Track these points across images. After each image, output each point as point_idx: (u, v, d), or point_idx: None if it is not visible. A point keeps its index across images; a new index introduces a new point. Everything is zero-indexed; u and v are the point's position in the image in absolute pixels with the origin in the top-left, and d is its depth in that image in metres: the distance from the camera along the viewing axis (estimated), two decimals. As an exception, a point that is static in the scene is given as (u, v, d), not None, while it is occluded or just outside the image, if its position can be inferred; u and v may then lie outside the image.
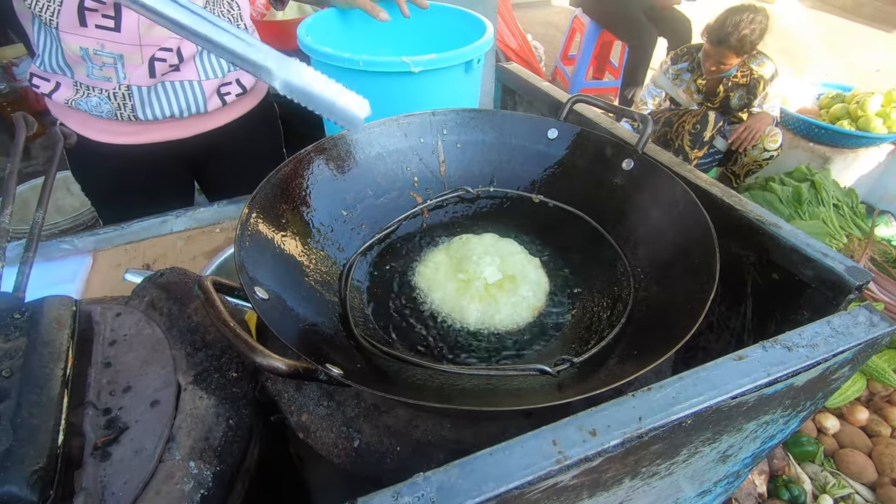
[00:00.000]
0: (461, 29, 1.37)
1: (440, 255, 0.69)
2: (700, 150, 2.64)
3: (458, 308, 0.60)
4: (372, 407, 0.51)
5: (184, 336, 0.59)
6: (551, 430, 0.38)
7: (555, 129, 0.75)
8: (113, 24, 0.98)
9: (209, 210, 1.39)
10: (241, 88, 1.24)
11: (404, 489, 0.34)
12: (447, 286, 0.63)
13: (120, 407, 0.51)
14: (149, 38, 1.02)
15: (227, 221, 1.37)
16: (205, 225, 1.36)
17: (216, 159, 1.36)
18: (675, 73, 2.74)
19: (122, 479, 0.46)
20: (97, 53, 1.01)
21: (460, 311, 0.60)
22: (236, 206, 1.43)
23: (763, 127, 2.56)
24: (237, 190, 1.39)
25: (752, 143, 2.59)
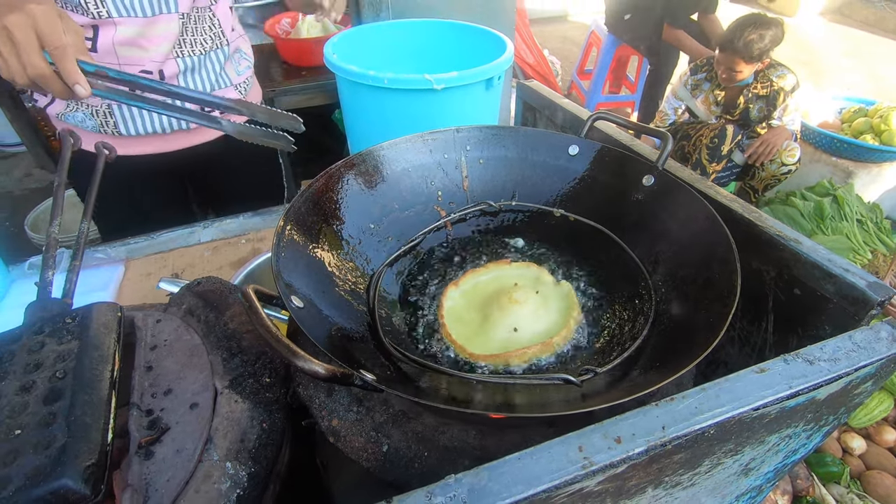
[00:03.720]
0: (481, 46, 1.41)
1: (467, 290, 0.68)
2: (718, 164, 2.63)
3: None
4: (400, 413, 0.53)
5: (220, 342, 0.61)
6: (577, 436, 0.39)
7: (576, 145, 0.77)
8: (91, 45, 1.02)
9: (235, 221, 1.44)
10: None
11: (437, 490, 0.36)
12: (478, 338, 0.62)
13: (161, 408, 0.54)
14: (127, 58, 1.05)
15: (252, 233, 1.42)
16: (231, 236, 1.40)
17: (208, 172, 1.37)
18: (694, 84, 2.75)
19: (165, 477, 0.48)
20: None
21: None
22: (261, 218, 1.47)
23: (780, 141, 2.55)
24: (233, 202, 1.40)
25: (769, 157, 2.58)
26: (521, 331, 0.61)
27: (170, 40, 1.07)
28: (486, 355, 0.58)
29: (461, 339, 0.60)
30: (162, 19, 1.04)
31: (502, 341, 0.60)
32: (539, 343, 0.58)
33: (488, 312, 0.64)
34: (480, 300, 0.66)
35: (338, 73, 1.23)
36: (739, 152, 2.73)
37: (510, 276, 0.69)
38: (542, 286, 0.67)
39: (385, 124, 1.24)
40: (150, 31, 1.04)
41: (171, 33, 1.07)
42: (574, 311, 0.63)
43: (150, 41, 1.05)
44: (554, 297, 0.66)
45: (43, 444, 0.44)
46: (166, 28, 1.06)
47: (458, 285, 0.68)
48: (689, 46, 3.34)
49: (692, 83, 2.75)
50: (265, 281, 1.10)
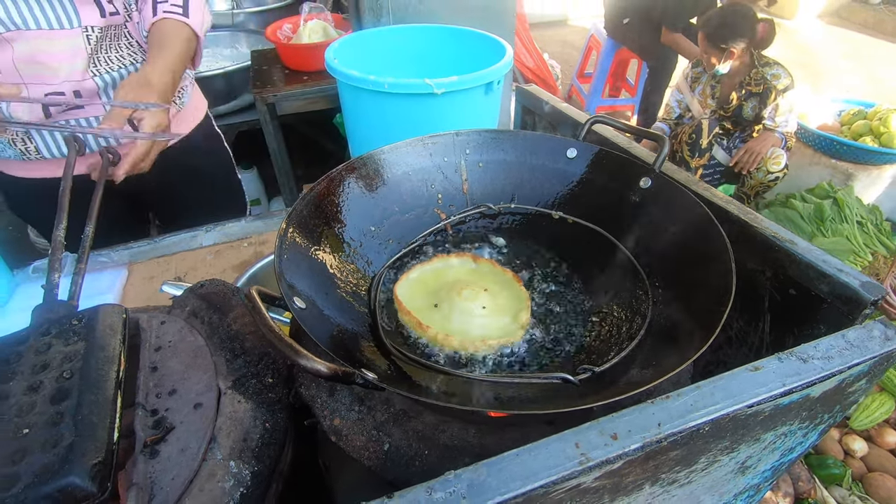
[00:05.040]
0: (481, 51, 1.42)
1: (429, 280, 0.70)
2: (700, 159, 2.67)
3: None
4: (400, 412, 0.54)
5: (223, 343, 0.62)
6: (574, 433, 0.40)
7: (574, 148, 0.78)
8: None
9: (237, 225, 1.45)
10: None
11: (437, 485, 0.37)
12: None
13: (166, 408, 0.55)
14: (32, 76, 1.00)
15: (254, 236, 1.43)
16: (233, 239, 1.42)
17: (157, 189, 1.33)
18: (693, 77, 2.78)
19: (170, 476, 0.49)
20: None
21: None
22: (263, 222, 1.49)
23: (765, 149, 2.57)
24: (191, 217, 1.38)
25: (754, 165, 2.61)
26: (461, 323, 0.63)
27: (79, 57, 1.02)
28: (436, 333, 0.60)
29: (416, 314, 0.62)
30: (61, 34, 0.99)
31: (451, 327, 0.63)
32: (476, 340, 0.60)
33: (439, 303, 0.66)
34: (430, 291, 0.68)
35: (339, 77, 1.24)
36: (721, 150, 2.76)
37: (460, 270, 0.71)
38: (490, 282, 0.69)
39: (386, 128, 1.25)
40: (51, 46, 0.99)
41: (78, 49, 1.02)
42: (522, 314, 0.64)
43: (53, 57, 1.00)
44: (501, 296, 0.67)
45: (51, 443, 0.45)
46: (70, 44, 1.01)
47: (413, 273, 0.70)
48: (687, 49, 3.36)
49: (692, 76, 2.79)
50: (268, 283, 1.11)
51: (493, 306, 0.65)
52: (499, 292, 0.67)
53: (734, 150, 2.75)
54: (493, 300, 0.66)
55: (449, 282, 0.67)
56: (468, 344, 0.60)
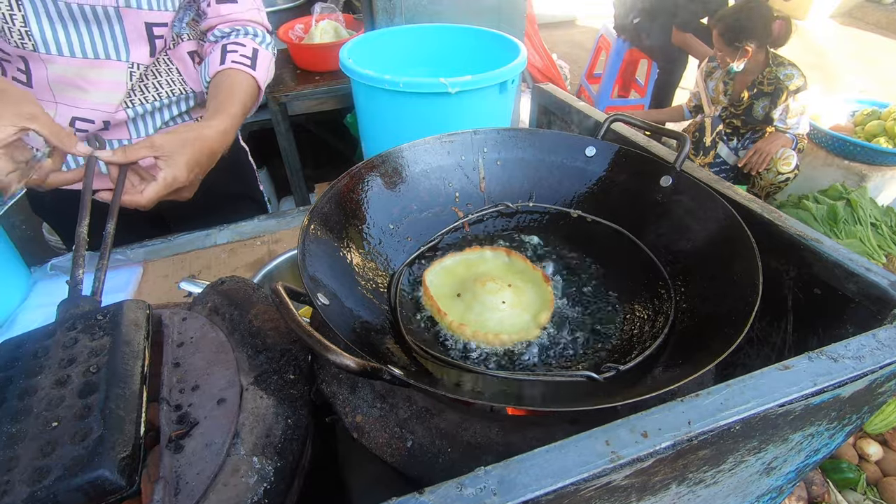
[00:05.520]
0: (494, 51, 1.42)
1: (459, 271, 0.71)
2: (705, 157, 2.66)
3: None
4: (423, 409, 0.54)
5: (245, 340, 0.63)
6: (603, 431, 0.40)
7: (593, 146, 0.78)
8: (25, 79, 0.97)
9: (250, 224, 1.45)
10: None
11: (467, 481, 0.37)
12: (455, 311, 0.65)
13: (190, 404, 0.55)
14: (64, 97, 0.99)
15: (267, 235, 1.43)
16: (246, 238, 1.42)
17: (176, 206, 1.29)
18: (708, 71, 2.77)
19: (195, 470, 0.49)
20: None
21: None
22: (276, 221, 1.49)
23: (774, 149, 2.55)
24: (208, 220, 1.36)
25: (764, 166, 2.58)
26: (479, 315, 0.64)
27: (119, 91, 1.01)
28: (451, 320, 0.61)
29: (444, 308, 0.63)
30: (106, 65, 0.98)
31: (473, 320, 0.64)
32: (489, 333, 0.60)
33: (462, 293, 0.67)
34: (458, 281, 0.69)
35: (353, 76, 1.24)
36: (727, 149, 2.74)
37: (492, 264, 0.71)
38: (517, 279, 0.69)
39: (400, 127, 1.25)
40: (92, 73, 0.98)
41: (119, 83, 1.00)
42: (542, 314, 0.64)
43: (91, 84, 0.99)
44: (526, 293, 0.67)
45: (80, 436, 0.45)
46: (112, 76, 0.99)
47: (446, 261, 0.71)
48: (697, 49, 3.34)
49: (706, 70, 2.77)
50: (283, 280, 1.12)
51: (514, 302, 0.65)
52: (524, 289, 0.67)
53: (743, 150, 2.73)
54: (517, 296, 0.66)
55: (478, 273, 0.67)
56: (480, 336, 0.61)
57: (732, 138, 2.79)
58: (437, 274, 0.68)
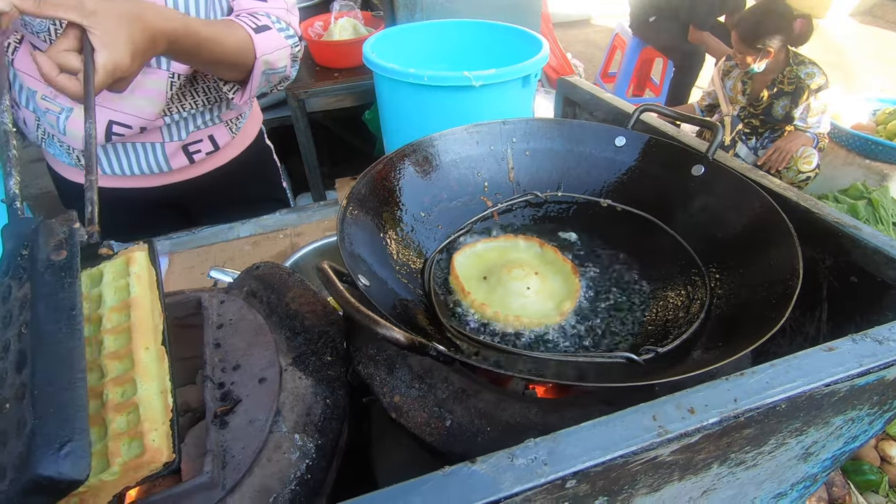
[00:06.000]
0: (515, 46, 1.43)
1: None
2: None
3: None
4: (460, 390, 0.55)
5: (283, 322, 0.64)
6: (650, 407, 0.40)
7: (623, 136, 0.78)
8: None
9: (272, 218, 1.47)
10: (213, 146, 1.19)
11: (518, 451, 0.37)
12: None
13: (232, 382, 0.57)
14: (104, 100, 0.98)
15: (289, 228, 1.45)
16: (269, 231, 1.44)
17: (203, 203, 1.34)
18: (726, 70, 2.75)
19: (240, 445, 0.51)
20: (45, 99, 0.99)
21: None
22: (297, 215, 1.51)
23: (794, 148, 2.52)
24: (230, 217, 1.36)
25: (784, 164, 2.55)
26: (502, 297, 0.65)
27: (159, 100, 1.00)
28: (474, 299, 0.63)
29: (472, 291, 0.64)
30: (149, 73, 0.97)
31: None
32: (510, 315, 0.61)
33: (489, 276, 0.68)
34: (486, 266, 0.70)
35: (377, 70, 1.26)
36: (746, 148, 2.71)
37: (524, 253, 0.72)
38: (545, 268, 0.69)
39: (423, 121, 1.26)
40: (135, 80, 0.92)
41: (160, 92, 0.99)
42: (566, 303, 0.64)
43: (131, 90, 0.91)
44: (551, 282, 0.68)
45: (22, 423, 0.36)
46: (153, 84, 0.99)
47: (477, 246, 0.72)
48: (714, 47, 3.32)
49: (724, 69, 2.75)
50: (308, 271, 1.13)
51: (539, 289, 0.66)
52: (550, 279, 0.67)
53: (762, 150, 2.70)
54: (542, 284, 0.66)
55: (507, 260, 0.68)
56: (500, 316, 0.62)
57: (751, 137, 2.76)
58: (467, 257, 0.69)
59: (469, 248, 0.70)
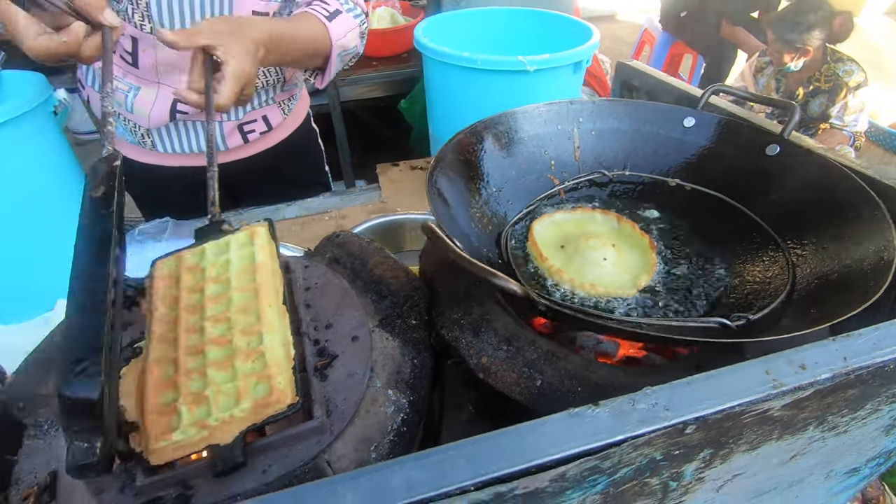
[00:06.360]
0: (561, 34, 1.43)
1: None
2: None
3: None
4: (549, 353, 0.56)
5: (368, 286, 0.66)
6: (762, 362, 0.41)
7: (692, 117, 0.79)
8: (131, 60, 1.01)
9: (316, 201, 1.50)
10: (266, 126, 1.23)
11: (639, 397, 0.39)
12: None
13: (326, 339, 0.59)
14: (168, 78, 1.02)
15: (333, 210, 1.48)
16: (314, 213, 1.47)
17: (250, 184, 1.36)
18: (759, 67, 2.71)
19: (342, 397, 0.53)
20: (115, 78, 1.03)
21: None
22: (340, 199, 1.54)
23: (830, 146, 2.48)
24: (276, 200, 1.39)
25: None
26: (579, 265, 0.67)
27: None
28: (552, 265, 0.65)
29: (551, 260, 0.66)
30: None
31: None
32: (585, 283, 0.64)
33: (566, 245, 0.70)
34: (563, 235, 0.72)
35: (429, 54, 1.27)
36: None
37: (601, 226, 0.73)
38: (623, 241, 0.71)
39: (473, 105, 1.28)
40: None
41: None
42: (642, 276, 0.66)
43: None
44: (628, 255, 0.69)
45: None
46: None
47: (556, 216, 0.74)
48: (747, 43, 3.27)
49: (757, 65, 2.71)
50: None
51: (615, 261, 0.67)
52: (627, 252, 0.69)
53: None
54: (619, 256, 0.68)
55: (584, 232, 0.70)
56: (577, 283, 0.64)
57: None
58: (545, 226, 0.71)
59: (547, 217, 0.72)
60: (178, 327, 0.51)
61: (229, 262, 0.57)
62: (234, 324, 0.50)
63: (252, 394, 0.46)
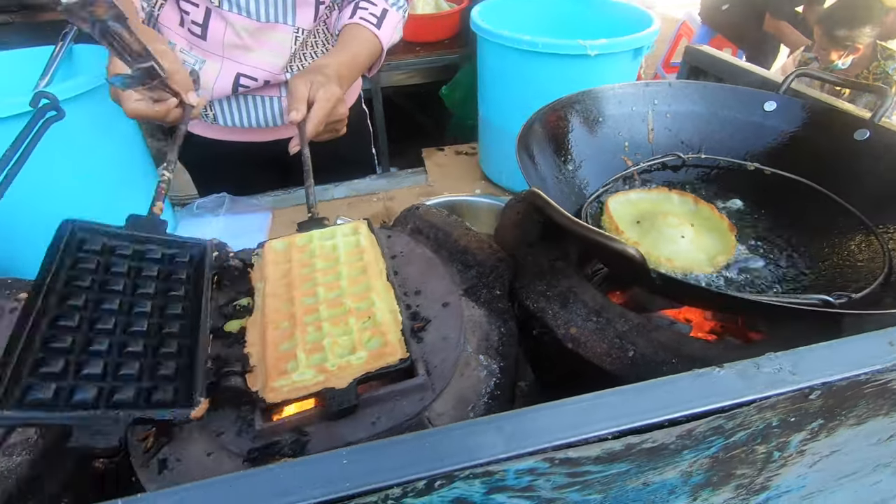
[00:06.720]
0: (616, 20, 1.42)
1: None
2: None
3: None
4: (639, 325, 0.57)
5: (453, 256, 0.67)
6: (884, 333, 0.41)
7: (773, 101, 0.78)
8: (200, 31, 1.04)
9: (363, 182, 1.52)
10: None
11: (763, 361, 0.39)
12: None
13: (417, 304, 0.60)
14: (232, 53, 1.07)
15: (381, 192, 1.50)
16: (361, 194, 1.49)
17: (299, 162, 1.38)
18: (803, 62, 2.64)
19: (439, 358, 0.54)
20: (182, 52, 1.07)
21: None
22: (387, 181, 1.55)
23: None
24: (326, 179, 1.44)
25: None
26: (654, 240, 0.67)
27: (283, 56, 1.08)
28: (628, 238, 0.66)
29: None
30: (277, 28, 1.05)
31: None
32: (661, 256, 0.64)
33: (641, 221, 0.71)
34: (639, 212, 0.73)
35: (486, 36, 1.27)
36: None
37: (677, 207, 0.73)
38: (701, 222, 0.71)
39: (529, 89, 1.27)
40: (263, 35, 1.05)
41: (285, 47, 1.07)
42: (720, 256, 0.66)
43: (259, 44, 1.06)
44: (705, 236, 0.69)
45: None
46: (279, 39, 1.06)
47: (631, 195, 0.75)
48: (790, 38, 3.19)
49: (801, 60, 2.65)
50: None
51: (693, 239, 0.68)
52: (705, 233, 0.69)
53: None
54: (696, 236, 0.68)
55: (661, 210, 0.70)
56: (653, 256, 0.64)
57: None
58: (621, 203, 0.72)
59: (622, 194, 0.73)
60: (293, 290, 0.54)
61: (336, 246, 0.61)
62: (344, 291, 0.53)
63: (367, 346, 0.48)
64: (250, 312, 0.57)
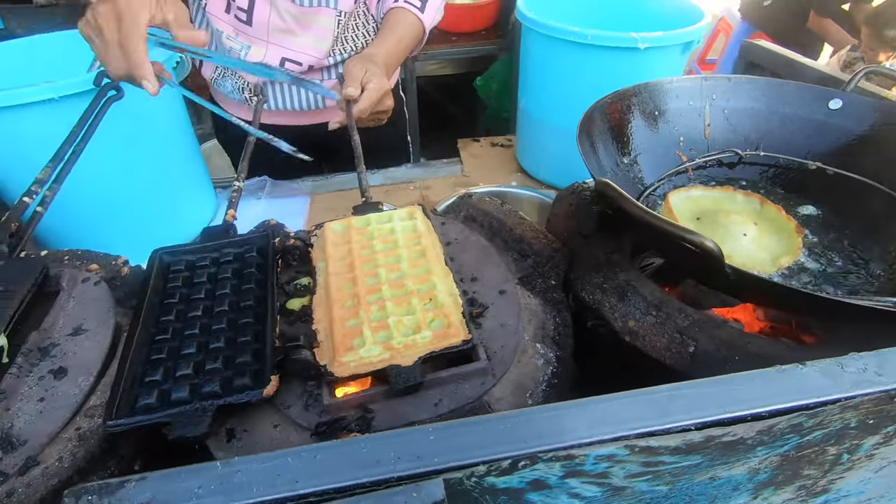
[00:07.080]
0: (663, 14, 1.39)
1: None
2: None
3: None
4: (699, 321, 0.57)
5: (508, 245, 0.67)
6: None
7: (839, 99, 0.76)
8: (245, 17, 1.06)
9: (399, 171, 1.53)
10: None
11: (847, 361, 0.39)
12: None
13: (474, 291, 0.61)
14: (276, 38, 1.08)
15: (417, 181, 1.50)
16: (398, 182, 1.50)
17: (337, 148, 1.36)
18: (848, 62, 2.55)
19: (499, 344, 0.55)
20: (228, 38, 1.10)
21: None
22: (422, 170, 1.56)
23: None
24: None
25: None
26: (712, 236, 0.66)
27: (327, 40, 1.10)
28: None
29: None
30: (321, 12, 1.07)
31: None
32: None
33: (702, 217, 0.69)
34: (699, 209, 0.71)
35: (533, 26, 1.26)
36: None
37: (741, 206, 0.72)
38: (764, 222, 0.69)
39: (575, 82, 1.26)
40: (307, 19, 1.07)
41: (328, 31, 1.09)
42: (784, 257, 0.64)
43: (303, 28, 1.08)
44: (769, 236, 0.68)
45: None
46: (322, 23, 1.08)
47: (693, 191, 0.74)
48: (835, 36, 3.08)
49: (846, 60, 2.56)
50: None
51: (755, 238, 0.66)
52: (769, 233, 0.67)
53: None
54: (760, 235, 0.67)
55: (723, 209, 0.69)
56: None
57: None
58: (681, 199, 0.71)
59: (684, 191, 0.72)
60: (354, 270, 0.55)
61: (394, 229, 0.62)
62: (405, 273, 0.54)
63: (430, 327, 0.48)
64: (311, 291, 0.58)
